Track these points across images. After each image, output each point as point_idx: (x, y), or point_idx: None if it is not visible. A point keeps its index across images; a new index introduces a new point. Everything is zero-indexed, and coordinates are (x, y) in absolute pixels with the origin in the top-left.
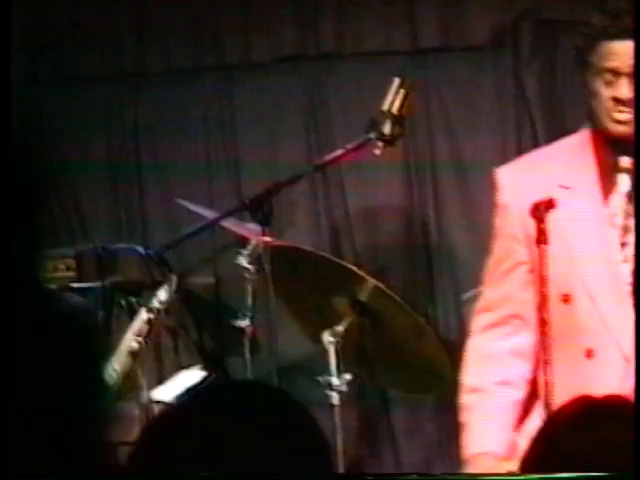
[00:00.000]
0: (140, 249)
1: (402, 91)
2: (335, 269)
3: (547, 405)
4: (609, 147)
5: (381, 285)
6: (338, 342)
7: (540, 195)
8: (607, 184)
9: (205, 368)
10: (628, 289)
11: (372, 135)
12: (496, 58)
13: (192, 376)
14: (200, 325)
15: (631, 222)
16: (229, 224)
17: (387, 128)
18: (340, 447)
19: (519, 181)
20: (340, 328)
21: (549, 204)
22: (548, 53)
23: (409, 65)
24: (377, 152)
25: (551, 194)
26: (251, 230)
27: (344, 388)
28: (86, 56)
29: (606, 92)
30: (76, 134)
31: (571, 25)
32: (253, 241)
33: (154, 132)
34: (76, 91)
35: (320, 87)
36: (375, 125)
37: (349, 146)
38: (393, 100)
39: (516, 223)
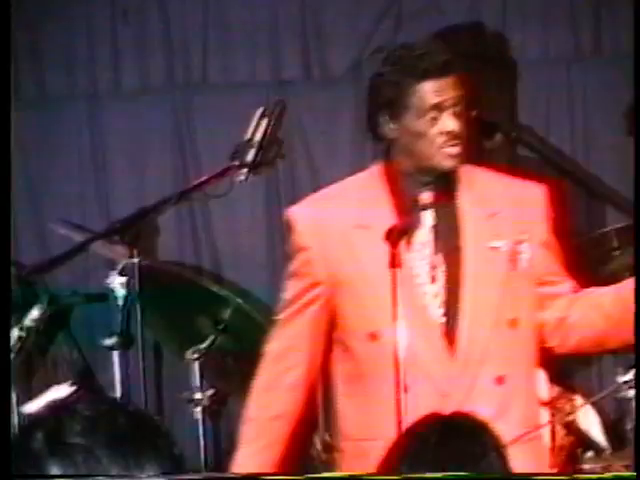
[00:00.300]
0: (12, 269)
1: (265, 120)
2: (199, 290)
3: (398, 424)
4: (406, 183)
5: (243, 304)
6: (201, 359)
7: (338, 235)
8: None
9: (74, 384)
10: (439, 323)
11: (236, 162)
12: (355, 90)
13: (61, 391)
14: (71, 343)
15: (439, 257)
16: (99, 245)
17: (250, 156)
18: (202, 462)
19: (316, 222)
20: (203, 345)
21: (402, 230)
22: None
23: (272, 95)
24: (241, 178)
25: (349, 234)
26: (120, 251)
27: (207, 403)
28: None
29: (433, 129)
30: None
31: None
32: (122, 262)
33: (28, 154)
34: None
35: (187, 116)
36: (239, 153)
37: (214, 172)
38: (256, 129)
39: (319, 264)
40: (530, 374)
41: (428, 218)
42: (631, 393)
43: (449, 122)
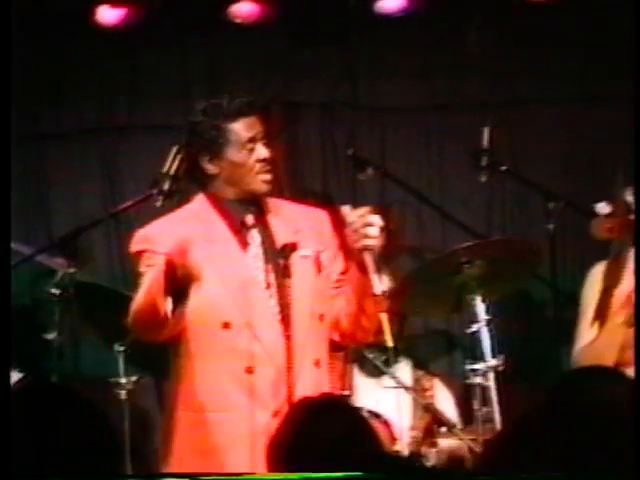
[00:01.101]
0: None
1: (179, 157)
2: (122, 295)
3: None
4: (231, 208)
5: None
6: (126, 351)
7: (192, 246)
8: (242, 238)
9: (22, 371)
10: (277, 318)
11: (155, 191)
12: None
13: (12, 377)
14: (18, 339)
15: (269, 267)
16: (42, 258)
17: (166, 186)
18: (127, 439)
19: (170, 237)
20: (128, 340)
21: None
22: (293, 128)
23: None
24: (158, 204)
25: (199, 246)
26: (60, 263)
27: (131, 387)
28: None
29: (251, 159)
30: None
31: (312, 106)
32: (61, 272)
33: None
34: None
35: (115, 153)
36: (157, 183)
37: (136, 199)
38: (171, 164)
39: (174, 265)
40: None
41: (256, 236)
42: (477, 379)
43: (262, 151)
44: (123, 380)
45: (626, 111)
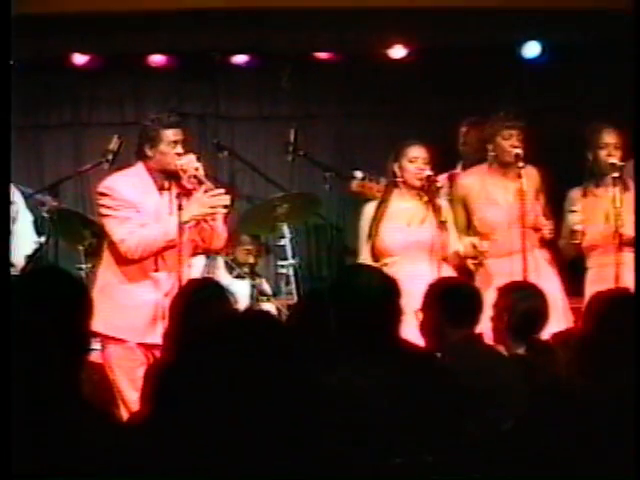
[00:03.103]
0: None
1: (118, 140)
2: (85, 219)
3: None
4: (156, 175)
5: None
6: (86, 249)
7: (143, 195)
8: (161, 193)
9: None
10: (176, 239)
11: (103, 160)
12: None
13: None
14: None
15: (175, 207)
16: (39, 195)
17: (110, 157)
18: None
19: (124, 184)
20: (86, 243)
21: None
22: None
23: (133, 129)
24: (105, 168)
25: (139, 194)
26: (48, 199)
27: (88, 270)
28: None
29: (173, 151)
30: None
31: (193, 115)
32: (49, 204)
33: None
34: None
35: (80, 137)
36: (104, 155)
37: (92, 164)
38: (114, 145)
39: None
40: None
41: (167, 193)
42: (283, 270)
43: (179, 149)
44: (83, 266)
45: (375, 123)
